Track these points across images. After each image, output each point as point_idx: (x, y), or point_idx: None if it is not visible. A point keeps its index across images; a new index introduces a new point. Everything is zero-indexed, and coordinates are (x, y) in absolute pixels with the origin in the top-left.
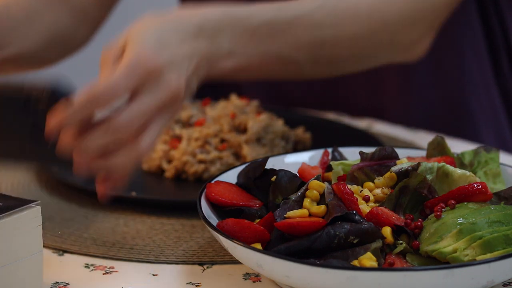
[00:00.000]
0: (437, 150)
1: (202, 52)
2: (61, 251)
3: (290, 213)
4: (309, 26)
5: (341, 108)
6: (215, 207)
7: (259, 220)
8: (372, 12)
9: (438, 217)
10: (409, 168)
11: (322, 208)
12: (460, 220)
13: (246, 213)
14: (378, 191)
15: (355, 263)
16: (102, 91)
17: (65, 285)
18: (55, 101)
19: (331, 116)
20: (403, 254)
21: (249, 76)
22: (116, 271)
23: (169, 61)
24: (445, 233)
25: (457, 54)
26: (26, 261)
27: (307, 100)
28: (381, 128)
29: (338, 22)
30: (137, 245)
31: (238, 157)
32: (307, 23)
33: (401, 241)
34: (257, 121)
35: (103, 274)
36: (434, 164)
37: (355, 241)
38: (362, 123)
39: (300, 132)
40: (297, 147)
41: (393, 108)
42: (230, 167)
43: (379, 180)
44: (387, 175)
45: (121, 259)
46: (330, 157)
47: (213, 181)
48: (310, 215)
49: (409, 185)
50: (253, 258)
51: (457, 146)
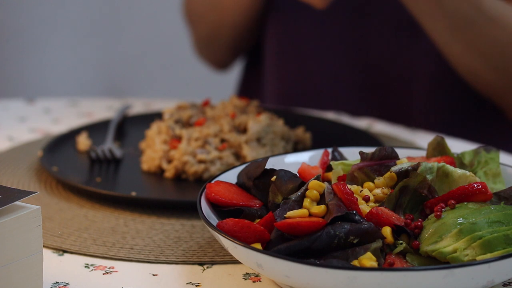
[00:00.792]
0: (437, 150)
1: None
2: (61, 251)
3: (290, 213)
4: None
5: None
6: (215, 207)
7: (259, 220)
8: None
9: (438, 217)
10: (409, 168)
11: (322, 208)
12: (460, 220)
13: (246, 213)
14: (378, 191)
15: (355, 263)
16: None
17: (65, 285)
18: None
19: (331, 116)
20: (403, 254)
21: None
22: (116, 271)
23: None
24: (445, 233)
25: None
26: (26, 261)
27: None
28: (381, 128)
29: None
30: (137, 245)
31: (238, 157)
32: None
33: (401, 241)
34: (257, 121)
35: (103, 274)
36: (434, 164)
37: (355, 241)
38: (362, 123)
39: (300, 132)
40: (297, 147)
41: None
42: (230, 167)
43: (379, 180)
44: (387, 175)
45: (121, 259)
46: (330, 157)
47: (213, 181)
48: (310, 215)
49: (409, 185)
50: (253, 258)
51: (457, 146)
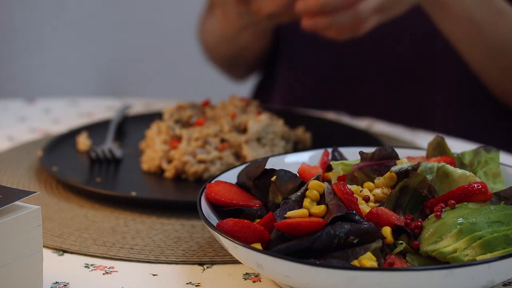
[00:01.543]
0: (437, 150)
1: None
2: (61, 251)
3: (290, 213)
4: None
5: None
6: (215, 207)
7: (259, 220)
8: None
9: (438, 217)
10: (409, 168)
11: (322, 208)
12: (460, 220)
13: (246, 213)
14: (378, 191)
15: (355, 263)
16: None
17: (65, 285)
18: None
19: (331, 116)
20: (403, 254)
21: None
22: (116, 271)
23: None
24: (445, 233)
25: None
26: (26, 261)
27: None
28: (381, 128)
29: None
30: (137, 245)
31: (238, 157)
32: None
33: (401, 241)
34: (257, 121)
35: (103, 274)
36: (434, 164)
37: (355, 241)
38: (362, 123)
39: (300, 132)
40: (297, 147)
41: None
42: (230, 167)
43: (379, 180)
44: (387, 175)
45: (121, 259)
46: (330, 157)
47: (213, 181)
48: (310, 215)
49: (409, 185)
50: (253, 258)
51: (457, 146)
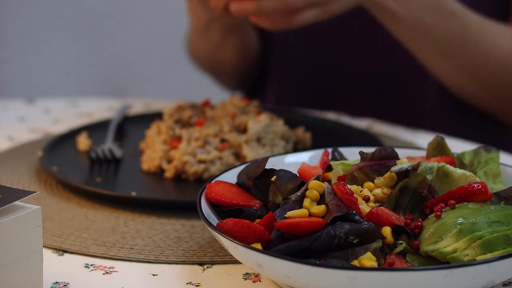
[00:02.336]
0: (437, 150)
1: None
2: (61, 251)
3: (290, 213)
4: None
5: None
6: (215, 207)
7: (259, 220)
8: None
9: (438, 217)
10: (409, 168)
11: (322, 208)
12: (460, 220)
13: (246, 213)
14: (378, 191)
15: (355, 263)
16: None
17: (65, 285)
18: None
19: (331, 116)
20: (403, 254)
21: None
22: (116, 271)
23: None
24: (445, 233)
25: None
26: (26, 261)
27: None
28: (381, 128)
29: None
30: (137, 245)
31: (238, 157)
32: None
33: (401, 241)
34: (257, 121)
35: (103, 274)
36: (434, 164)
37: (355, 241)
38: (362, 123)
39: (300, 132)
40: (297, 147)
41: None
42: (230, 167)
43: (379, 180)
44: (387, 175)
45: (121, 259)
46: (330, 157)
47: (213, 181)
48: (310, 215)
49: (409, 185)
50: (253, 258)
51: (457, 146)
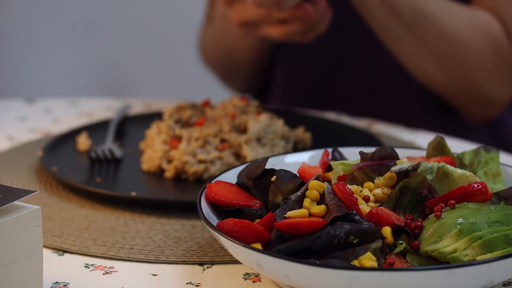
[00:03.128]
0: (437, 150)
1: None
2: (61, 251)
3: (290, 213)
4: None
5: (341, 108)
6: (215, 207)
7: (259, 220)
8: (478, 28)
9: (438, 217)
10: (409, 168)
11: (322, 208)
12: (460, 220)
13: (246, 213)
14: (378, 191)
15: (355, 263)
16: None
17: (65, 285)
18: None
19: (331, 116)
20: (403, 254)
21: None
22: (116, 271)
23: None
24: (445, 233)
25: None
26: (26, 261)
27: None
28: (381, 128)
29: (450, 12)
30: (137, 245)
31: (238, 157)
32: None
33: (401, 241)
34: (257, 121)
35: (103, 274)
36: (434, 164)
37: (355, 241)
38: (362, 123)
39: (300, 132)
40: (297, 147)
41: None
42: (230, 167)
43: (379, 180)
44: (387, 175)
45: (121, 259)
46: (330, 157)
47: (213, 181)
48: (310, 215)
49: (409, 185)
50: (253, 258)
51: (457, 146)
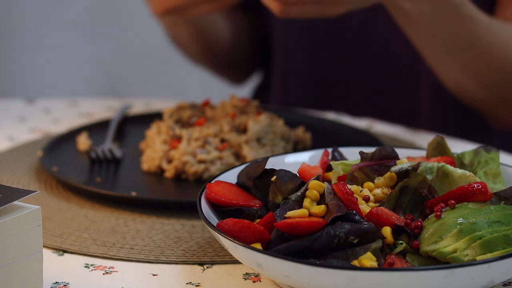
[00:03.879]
0: (437, 150)
1: None
2: (61, 251)
3: (290, 213)
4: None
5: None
6: (215, 207)
7: (259, 220)
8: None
9: (438, 217)
10: (409, 168)
11: (322, 208)
12: (460, 220)
13: (246, 213)
14: (378, 191)
15: (355, 263)
16: None
17: (65, 285)
18: None
19: (331, 116)
20: (403, 254)
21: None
22: (116, 271)
23: None
24: (445, 233)
25: None
26: (26, 261)
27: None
28: (381, 128)
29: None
30: (137, 245)
31: (238, 157)
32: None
33: (401, 241)
34: (257, 121)
35: (103, 274)
36: (434, 164)
37: (355, 241)
38: (362, 123)
39: (300, 132)
40: (297, 147)
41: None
42: (230, 167)
43: (379, 180)
44: (387, 175)
45: (121, 259)
46: (330, 157)
47: (213, 181)
48: (310, 215)
49: (409, 185)
50: (253, 258)
51: (457, 146)
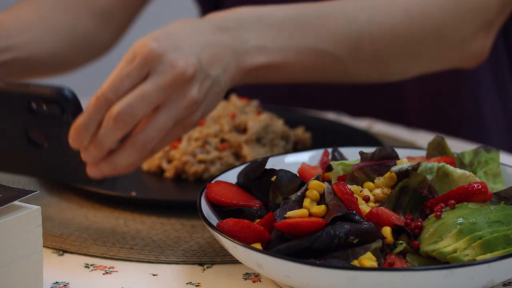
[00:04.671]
0: (437, 150)
1: (223, 44)
2: (61, 251)
3: (290, 213)
4: (342, 19)
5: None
6: (215, 207)
7: (259, 220)
8: (409, 4)
9: (438, 217)
10: (409, 168)
11: (322, 208)
12: (460, 220)
13: (246, 213)
14: (378, 191)
15: (355, 263)
16: (107, 87)
17: (65, 285)
18: (62, 104)
19: (331, 116)
20: (403, 254)
21: (293, 76)
22: (116, 271)
23: (171, 46)
24: (445, 233)
25: None
26: (26, 261)
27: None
28: (381, 128)
29: (373, 16)
30: (137, 245)
31: (238, 157)
32: (339, 17)
33: (401, 241)
34: (257, 121)
35: (103, 274)
36: (434, 164)
37: (355, 241)
38: (362, 123)
39: (300, 132)
40: (297, 147)
41: (409, 110)
42: (230, 167)
43: (379, 180)
44: (387, 175)
45: (121, 259)
46: (330, 157)
47: (213, 181)
48: (310, 215)
49: (409, 185)
50: (253, 258)
51: (457, 146)
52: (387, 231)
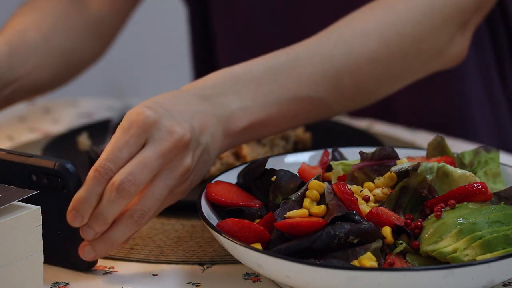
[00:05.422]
0: (437, 150)
1: (206, 112)
2: None
3: (290, 213)
4: (317, 60)
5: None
6: (215, 207)
7: (259, 220)
8: (381, 28)
9: (438, 217)
10: (409, 168)
11: (322, 208)
12: (460, 220)
13: (246, 213)
14: (378, 191)
15: (355, 263)
16: (106, 158)
17: (65, 285)
18: (64, 179)
19: None
20: (403, 254)
21: (279, 128)
22: (116, 271)
23: (165, 113)
24: (445, 233)
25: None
26: (26, 261)
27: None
28: (381, 128)
29: (349, 49)
30: (137, 245)
31: (238, 157)
32: (314, 59)
33: (401, 241)
34: None
35: (103, 274)
36: (434, 164)
37: (355, 241)
38: (362, 123)
39: (300, 132)
40: (297, 147)
41: (395, 109)
42: (230, 167)
43: (379, 180)
44: (387, 175)
45: (121, 259)
46: (330, 157)
47: (213, 181)
48: (310, 215)
49: (409, 185)
50: (253, 258)
51: (457, 146)
52: (387, 231)
